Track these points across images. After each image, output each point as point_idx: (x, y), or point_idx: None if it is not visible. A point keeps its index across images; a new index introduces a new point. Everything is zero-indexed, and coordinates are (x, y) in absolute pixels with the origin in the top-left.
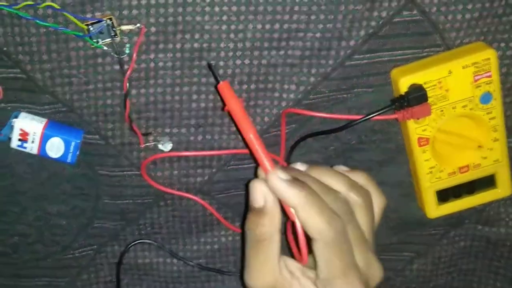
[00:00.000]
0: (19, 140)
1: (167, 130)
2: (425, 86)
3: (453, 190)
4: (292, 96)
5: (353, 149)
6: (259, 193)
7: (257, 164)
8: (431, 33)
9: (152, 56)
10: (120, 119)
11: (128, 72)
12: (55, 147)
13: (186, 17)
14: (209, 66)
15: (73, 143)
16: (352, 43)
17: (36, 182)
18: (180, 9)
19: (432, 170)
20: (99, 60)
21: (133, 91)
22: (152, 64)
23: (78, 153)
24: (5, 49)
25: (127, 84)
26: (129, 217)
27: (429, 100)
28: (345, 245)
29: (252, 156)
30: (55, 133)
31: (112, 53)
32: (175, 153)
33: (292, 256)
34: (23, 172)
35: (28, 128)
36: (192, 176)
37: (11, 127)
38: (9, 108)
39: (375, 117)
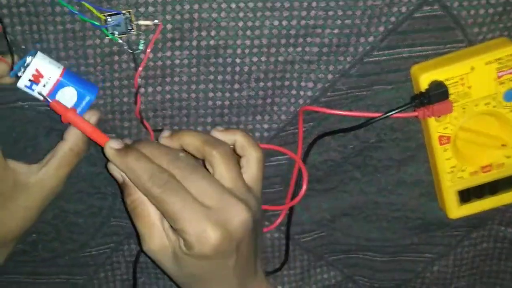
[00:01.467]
0: (30, 80)
1: (183, 128)
2: (446, 83)
3: (475, 190)
4: (309, 93)
5: (372, 147)
6: (115, 170)
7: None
8: (453, 29)
9: (168, 53)
10: (137, 117)
11: (140, 68)
12: (66, 98)
13: (202, 14)
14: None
15: (87, 98)
16: (371, 39)
17: None
18: (196, 6)
19: (454, 169)
20: (116, 57)
21: (149, 89)
22: (168, 62)
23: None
24: (23, 47)
25: (140, 80)
26: None
27: (451, 97)
28: (172, 191)
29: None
30: (72, 83)
31: (125, 47)
32: None
33: None
34: None
35: (44, 71)
36: None
37: (24, 65)
38: (26, 106)
39: (394, 115)
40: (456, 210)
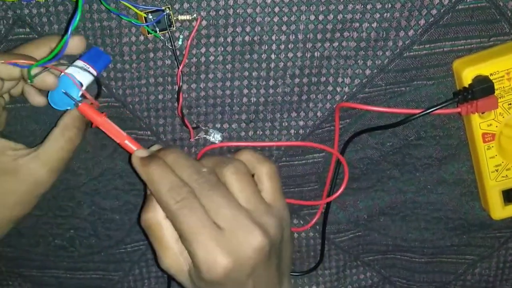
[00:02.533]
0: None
1: (218, 125)
2: (491, 78)
3: None
4: (346, 89)
5: (411, 145)
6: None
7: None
8: (498, 21)
9: (203, 50)
10: (172, 115)
11: (182, 65)
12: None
13: (237, 9)
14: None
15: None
16: (411, 33)
17: (90, 177)
18: (231, 2)
19: (498, 168)
20: (151, 55)
21: (184, 86)
22: (203, 58)
23: None
24: None
25: (174, 77)
26: None
27: (496, 92)
28: (188, 210)
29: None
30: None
31: (167, 44)
32: (227, 143)
33: None
34: (77, 167)
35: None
36: None
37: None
38: None
39: (436, 111)
40: (500, 211)
